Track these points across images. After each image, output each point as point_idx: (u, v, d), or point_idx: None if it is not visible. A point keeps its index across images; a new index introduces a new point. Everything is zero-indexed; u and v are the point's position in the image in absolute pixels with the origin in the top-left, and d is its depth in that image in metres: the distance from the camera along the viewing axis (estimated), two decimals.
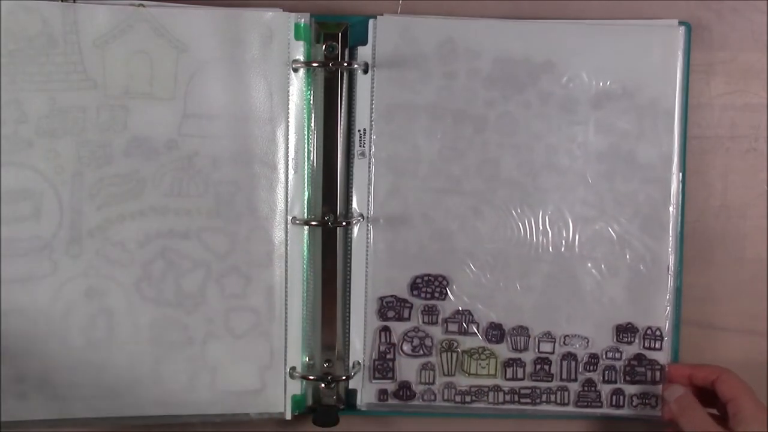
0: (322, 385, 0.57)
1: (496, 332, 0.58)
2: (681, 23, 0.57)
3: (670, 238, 0.57)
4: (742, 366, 0.55)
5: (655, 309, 0.57)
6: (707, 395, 0.56)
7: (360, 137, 0.57)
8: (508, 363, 0.58)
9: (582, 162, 0.57)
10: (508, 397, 0.58)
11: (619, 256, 0.57)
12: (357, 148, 0.57)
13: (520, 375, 0.58)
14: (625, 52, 0.56)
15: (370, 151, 0.57)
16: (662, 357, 0.58)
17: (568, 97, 0.56)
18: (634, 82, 0.56)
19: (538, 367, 0.58)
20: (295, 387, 0.58)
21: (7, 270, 0.54)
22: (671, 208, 0.57)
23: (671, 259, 0.57)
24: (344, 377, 0.57)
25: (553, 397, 0.58)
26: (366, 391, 0.58)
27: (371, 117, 0.57)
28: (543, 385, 0.58)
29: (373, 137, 0.57)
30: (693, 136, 0.59)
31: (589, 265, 0.57)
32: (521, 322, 0.58)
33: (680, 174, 0.57)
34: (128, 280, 0.55)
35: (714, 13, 0.59)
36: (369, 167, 0.57)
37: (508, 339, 0.58)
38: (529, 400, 0.58)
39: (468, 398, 0.58)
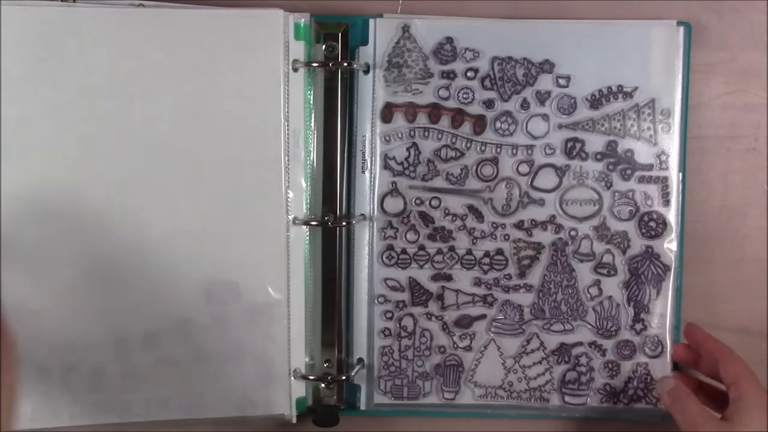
0: (322, 385, 0.57)
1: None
2: (681, 23, 0.57)
3: (670, 238, 0.57)
4: None
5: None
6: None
7: (360, 137, 0.57)
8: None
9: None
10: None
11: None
12: (357, 148, 0.57)
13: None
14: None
15: (370, 151, 0.57)
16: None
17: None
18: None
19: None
20: (300, 389, 0.58)
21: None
22: (671, 208, 0.57)
23: (671, 259, 0.57)
24: (344, 377, 0.57)
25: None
26: (366, 391, 0.58)
27: (372, 117, 0.57)
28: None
29: (373, 137, 0.57)
30: (693, 136, 0.59)
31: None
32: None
33: (680, 174, 0.57)
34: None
35: (714, 13, 0.59)
36: (369, 167, 0.57)
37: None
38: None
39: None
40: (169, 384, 0.56)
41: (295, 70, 0.55)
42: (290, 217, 0.56)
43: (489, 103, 0.57)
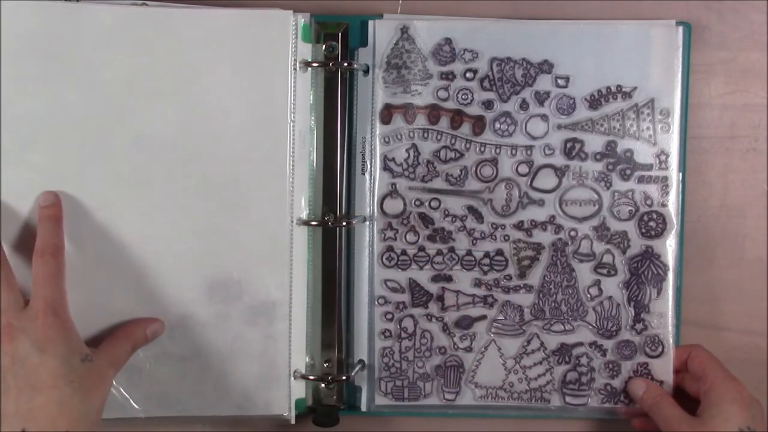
0: (322, 385, 0.57)
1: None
2: (680, 23, 0.57)
3: (670, 238, 0.57)
4: (742, 366, 0.55)
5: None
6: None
7: (360, 139, 0.57)
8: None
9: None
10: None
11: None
12: (357, 149, 0.57)
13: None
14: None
15: (369, 152, 0.57)
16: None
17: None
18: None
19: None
20: (300, 389, 0.58)
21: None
22: (671, 208, 0.57)
23: (671, 259, 0.57)
24: (344, 377, 0.57)
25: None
26: (367, 392, 0.58)
27: (371, 118, 0.57)
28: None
29: (373, 138, 0.57)
30: (693, 136, 0.59)
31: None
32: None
33: (680, 174, 0.57)
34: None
35: (714, 13, 0.59)
36: (369, 169, 0.57)
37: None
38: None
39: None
40: (169, 381, 0.56)
41: (297, 70, 0.55)
42: (291, 217, 0.56)
43: (488, 104, 0.57)
